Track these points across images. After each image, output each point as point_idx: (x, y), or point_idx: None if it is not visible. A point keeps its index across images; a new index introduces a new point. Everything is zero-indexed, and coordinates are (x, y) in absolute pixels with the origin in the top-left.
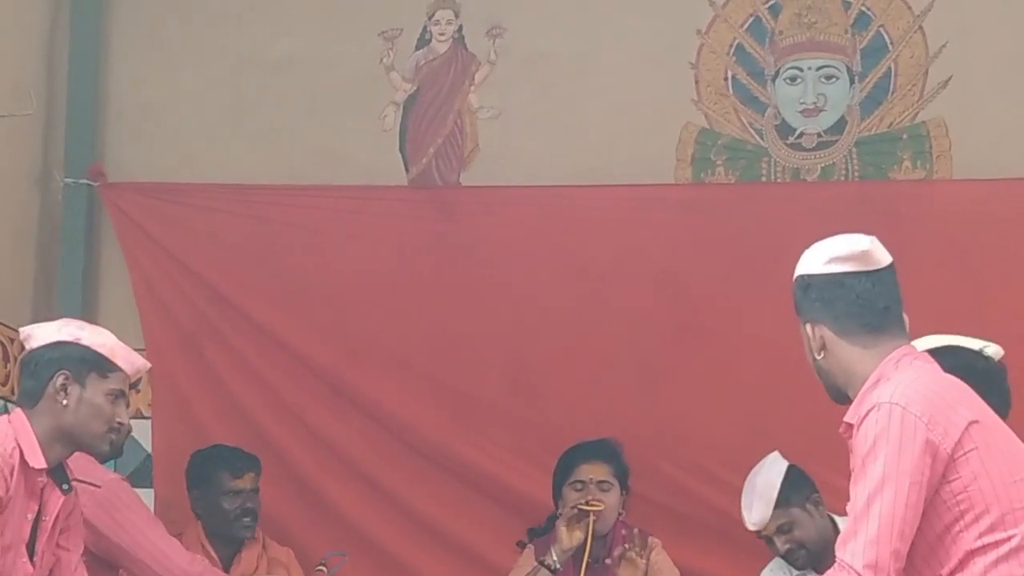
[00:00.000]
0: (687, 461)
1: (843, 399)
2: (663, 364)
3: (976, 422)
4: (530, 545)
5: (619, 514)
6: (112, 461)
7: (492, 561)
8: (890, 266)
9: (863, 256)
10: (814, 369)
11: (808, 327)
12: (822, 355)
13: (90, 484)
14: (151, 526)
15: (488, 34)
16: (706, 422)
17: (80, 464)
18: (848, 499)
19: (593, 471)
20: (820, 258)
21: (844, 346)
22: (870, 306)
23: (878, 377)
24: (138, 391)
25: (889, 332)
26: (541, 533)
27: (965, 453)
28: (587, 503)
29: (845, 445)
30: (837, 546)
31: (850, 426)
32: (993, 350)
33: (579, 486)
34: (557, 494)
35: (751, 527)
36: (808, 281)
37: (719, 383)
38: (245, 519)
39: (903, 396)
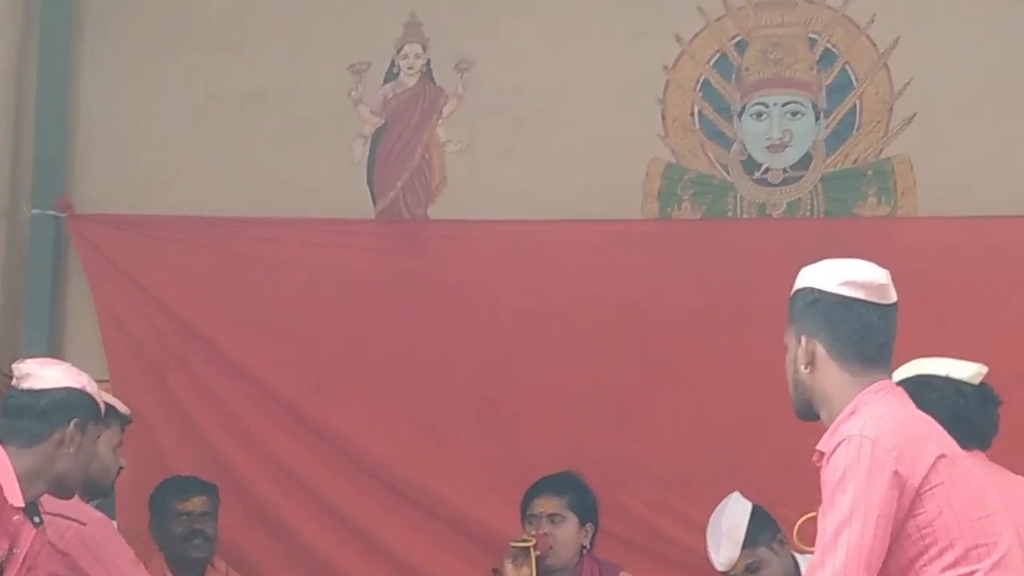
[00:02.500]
0: (654, 498)
1: (809, 416)
2: (630, 399)
3: (944, 457)
4: None
5: (583, 547)
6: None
7: None
8: (895, 304)
9: (880, 289)
10: (791, 381)
11: (802, 339)
12: (808, 370)
13: (75, 520)
14: (133, 567)
15: (456, 68)
16: (672, 458)
17: (67, 501)
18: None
19: (544, 504)
20: (836, 277)
21: (833, 368)
22: (871, 338)
23: (853, 409)
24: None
25: (877, 366)
26: None
27: (931, 488)
28: (522, 539)
29: (812, 482)
30: None
31: (822, 454)
32: (967, 373)
33: (532, 520)
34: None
35: (719, 567)
36: (817, 296)
37: (685, 418)
38: (194, 540)
39: (874, 429)
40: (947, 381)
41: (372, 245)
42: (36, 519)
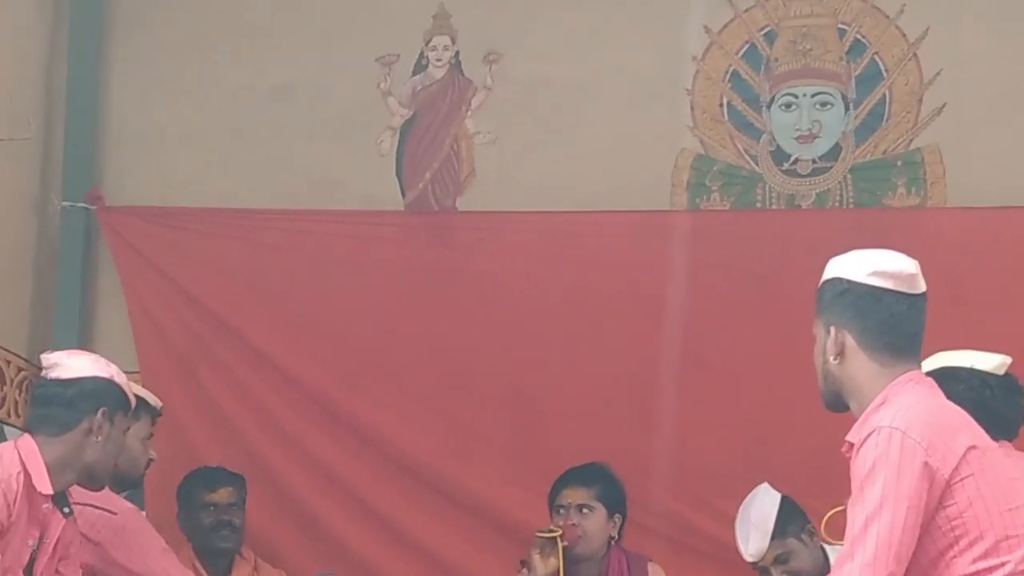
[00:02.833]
0: (682, 489)
1: (838, 407)
2: (658, 390)
3: (974, 448)
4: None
5: (611, 538)
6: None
7: None
8: (924, 294)
9: (909, 279)
10: (820, 372)
11: (831, 329)
12: (837, 360)
13: (106, 510)
14: (164, 556)
15: (484, 60)
16: (701, 449)
17: (98, 492)
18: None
19: (572, 495)
20: (864, 267)
21: (863, 358)
22: (900, 328)
23: (883, 399)
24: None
25: (907, 356)
26: None
27: (961, 479)
28: (548, 529)
29: (841, 473)
30: (833, 569)
31: (852, 445)
32: (992, 364)
33: (560, 510)
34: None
35: (748, 558)
36: (846, 286)
37: (714, 409)
38: (222, 531)
39: (904, 420)
40: (972, 372)
41: (401, 237)
42: (65, 509)
